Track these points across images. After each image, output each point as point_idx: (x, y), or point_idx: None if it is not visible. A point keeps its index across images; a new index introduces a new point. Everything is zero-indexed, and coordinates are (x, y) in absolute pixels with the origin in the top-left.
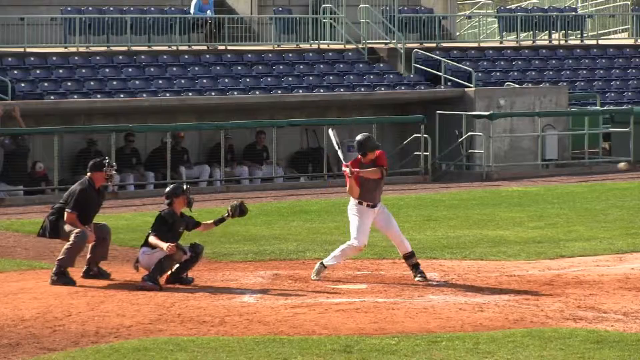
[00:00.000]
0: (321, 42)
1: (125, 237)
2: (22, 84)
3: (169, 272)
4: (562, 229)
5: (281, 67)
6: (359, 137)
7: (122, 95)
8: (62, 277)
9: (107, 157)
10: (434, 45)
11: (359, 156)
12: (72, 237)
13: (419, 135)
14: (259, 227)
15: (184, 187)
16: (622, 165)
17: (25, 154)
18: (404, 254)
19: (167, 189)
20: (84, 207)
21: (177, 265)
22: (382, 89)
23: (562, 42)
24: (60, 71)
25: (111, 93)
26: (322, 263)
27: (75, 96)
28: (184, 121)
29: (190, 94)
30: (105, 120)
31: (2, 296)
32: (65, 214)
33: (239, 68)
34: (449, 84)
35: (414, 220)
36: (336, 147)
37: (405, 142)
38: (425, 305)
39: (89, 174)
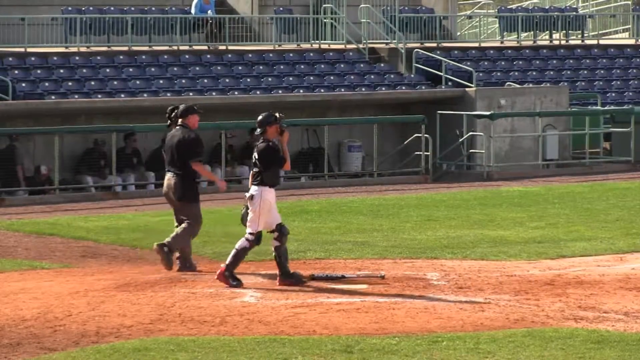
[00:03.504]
0: (322, 42)
1: (126, 237)
2: (23, 84)
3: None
4: (562, 229)
5: (282, 67)
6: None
7: (122, 95)
8: (169, 256)
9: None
10: (434, 45)
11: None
12: (186, 224)
13: (420, 135)
14: None
15: (277, 114)
16: None
17: (10, 156)
18: None
19: (260, 117)
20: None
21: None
22: (383, 88)
23: (563, 42)
24: (61, 71)
25: (112, 93)
26: None
27: (76, 96)
28: None
29: (191, 94)
30: (105, 120)
31: (2, 296)
32: (194, 165)
33: (240, 68)
34: (450, 83)
35: (415, 220)
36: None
37: (406, 142)
38: (426, 305)
39: (180, 120)
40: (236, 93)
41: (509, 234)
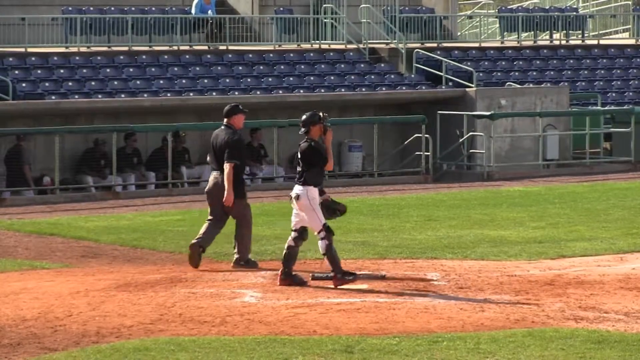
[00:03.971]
0: (322, 42)
1: (126, 237)
2: (23, 84)
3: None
4: (563, 229)
5: (282, 67)
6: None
7: (123, 95)
8: (249, 263)
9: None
10: (435, 45)
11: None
12: (237, 230)
13: (420, 135)
14: (260, 227)
15: (321, 114)
16: None
17: (16, 156)
18: None
19: (304, 117)
20: (243, 157)
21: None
22: (383, 89)
23: (563, 42)
24: (61, 71)
25: (112, 93)
26: None
27: (76, 96)
28: (185, 121)
29: (191, 94)
30: (106, 120)
31: (3, 296)
32: (227, 165)
33: (240, 68)
34: (450, 84)
35: (415, 220)
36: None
37: (406, 142)
38: (426, 305)
39: (225, 120)
40: (236, 93)
41: (510, 234)
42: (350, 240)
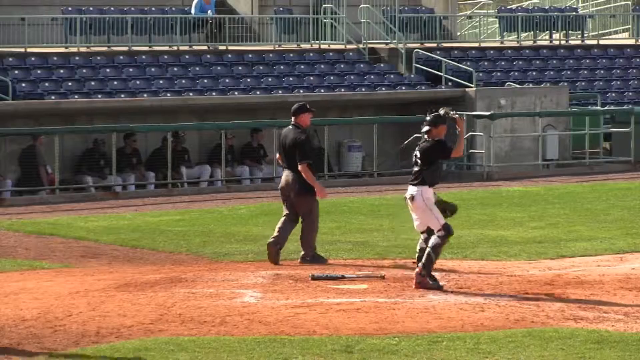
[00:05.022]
0: (322, 42)
1: (126, 237)
2: (23, 84)
3: None
4: (562, 229)
5: (282, 67)
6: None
7: (122, 96)
8: (315, 258)
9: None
10: (434, 45)
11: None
12: (303, 224)
13: (420, 135)
14: (260, 227)
15: (441, 112)
16: None
17: (32, 155)
18: None
19: (428, 118)
20: (313, 155)
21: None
22: (383, 89)
23: (563, 42)
24: (61, 71)
25: (112, 93)
26: None
27: (76, 96)
28: (185, 121)
29: (191, 94)
30: (106, 120)
31: (3, 296)
32: (301, 167)
33: (240, 68)
34: (450, 84)
35: None
36: None
37: (406, 142)
38: (426, 305)
39: (293, 119)
40: (236, 93)
41: (509, 234)
42: (350, 240)
